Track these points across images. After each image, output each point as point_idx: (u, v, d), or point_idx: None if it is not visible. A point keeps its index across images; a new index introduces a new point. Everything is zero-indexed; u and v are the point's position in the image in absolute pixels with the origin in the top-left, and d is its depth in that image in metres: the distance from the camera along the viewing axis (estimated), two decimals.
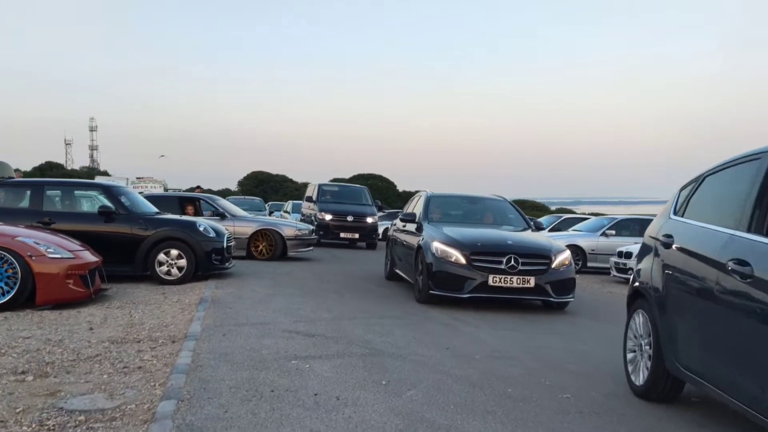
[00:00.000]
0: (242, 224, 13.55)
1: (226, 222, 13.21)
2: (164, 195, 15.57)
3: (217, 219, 13.18)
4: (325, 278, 10.67)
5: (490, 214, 9.81)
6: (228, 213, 13.71)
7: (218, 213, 13.62)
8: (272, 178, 79.58)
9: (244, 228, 13.49)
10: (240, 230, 13.35)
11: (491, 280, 7.61)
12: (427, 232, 8.59)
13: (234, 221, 13.45)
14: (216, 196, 15.37)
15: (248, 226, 13.62)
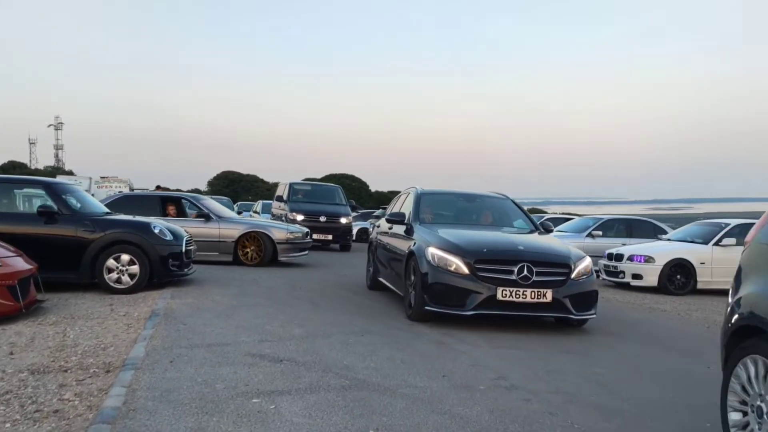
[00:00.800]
0: (228, 226, 12.39)
1: (210, 224, 12.23)
2: (145, 195, 14.16)
3: (201, 220, 12.22)
4: (298, 285, 9.65)
5: (489, 214, 8.50)
6: (213, 214, 12.52)
7: (203, 214, 12.42)
8: (243, 177, 78.10)
9: (230, 230, 12.35)
10: (226, 233, 12.29)
11: (500, 293, 6.28)
12: (419, 236, 7.32)
13: (219, 223, 12.36)
14: (201, 196, 14.13)
15: (235, 228, 12.43)
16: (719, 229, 12.62)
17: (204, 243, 12.01)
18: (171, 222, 11.99)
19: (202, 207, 12.62)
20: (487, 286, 6.34)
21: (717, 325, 8.36)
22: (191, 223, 12.17)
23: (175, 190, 29.78)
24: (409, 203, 8.51)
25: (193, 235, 12.03)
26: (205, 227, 12.21)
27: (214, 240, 12.20)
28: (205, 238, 12.05)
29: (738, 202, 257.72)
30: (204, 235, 12.09)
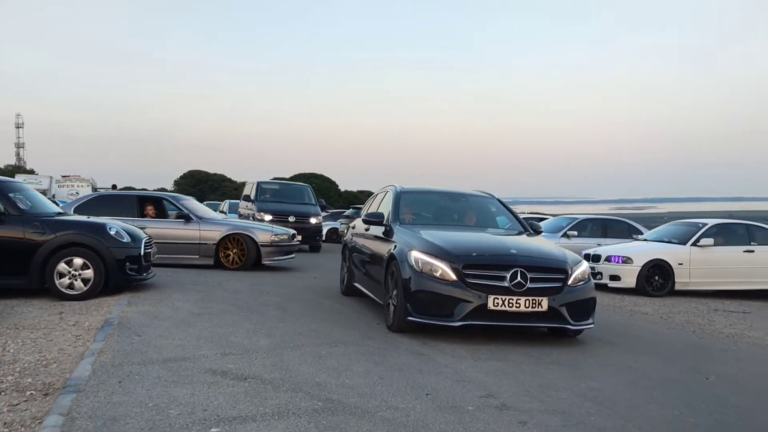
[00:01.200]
0: (209, 228, 11.66)
1: (191, 225, 11.56)
2: (121, 195, 13.29)
3: (181, 222, 11.58)
4: (265, 289, 9.12)
5: (473, 215, 7.88)
6: (193, 215, 11.78)
7: (182, 215, 11.70)
8: (210, 177, 76.94)
9: (211, 232, 11.62)
10: (207, 235, 11.58)
11: (491, 302, 5.70)
12: (400, 238, 6.69)
13: (200, 224, 11.64)
14: (182, 196, 13.26)
15: (216, 229, 11.68)
16: (696, 229, 12.42)
17: (183, 246, 11.44)
18: (149, 223, 11.41)
19: (182, 207, 11.88)
20: (476, 294, 5.75)
21: (703, 329, 8.07)
22: (170, 225, 11.58)
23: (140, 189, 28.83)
24: (388, 203, 7.90)
25: (172, 237, 11.53)
26: (184, 229, 11.55)
27: (194, 242, 11.52)
28: (184, 241, 11.46)
29: (698, 202, 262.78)
30: (183, 237, 11.48)
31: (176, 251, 11.44)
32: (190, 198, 13.16)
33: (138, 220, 11.25)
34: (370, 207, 8.97)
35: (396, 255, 6.36)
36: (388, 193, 8.21)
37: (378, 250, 7.28)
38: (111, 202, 11.97)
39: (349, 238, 9.14)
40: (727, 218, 13.98)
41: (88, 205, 11.67)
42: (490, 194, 8.48)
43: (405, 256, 6.18)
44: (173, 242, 11.41)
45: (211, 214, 12.75)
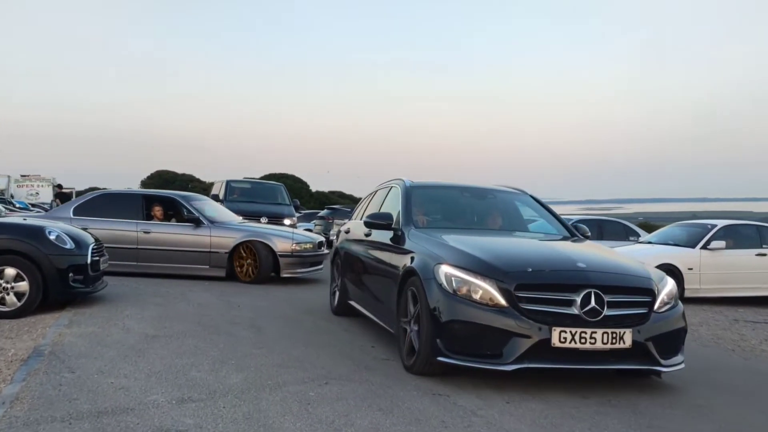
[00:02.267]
0: (221, 233, 10.07)
1: (201, 230, 10.03)
2: (126, 193, 11.47)
3: (190, 226, 10.07)
4: (236, 302, 7.89)
5: (499, 215, 6.30)
6: (204, 218, 10.20)
7: (191, 218, 10.16)
8: (178, 177, 74.82)
9: (223, 238, 10.04)
10: (219, 242, 10.02)
11: (557, 337, 4.14)
12: (419, 246, 5.10)
13: (211, 229, 10.07)
14: (195, 195, 11.71)
15: (229, 235, 10.08)
16: (705, 230, 11.51)
17: (191, 254, 10.01)
18: (154, 227, 10.06)
19: (192, 209, 10.34)
20: (535, 325, 4.17)
21: (740, 347, 7.05)
22: (177, 229, 10.13)
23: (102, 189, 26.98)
24: (394, 201, 6.30)
25: (179, 243, 10.01)
26: (193, 234, 10.04)
27: (203, 250, 10.01)
28: (192, 248, 10.00)
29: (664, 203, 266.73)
30: (192, 243, 10.01)
31: (183, 260, 10.00)
32: (204, 198, 11.68)
33: (142, 223, 10.11)
34: (367, 207, 7.40)
35: (417, 270, 4.75)
36: (392, 190, 6.64)
37: (387, 261, 5.67)
38: (113, 202, 10.53)
39: (341, 245, 7.55)
40: (733, 219, 13.10)
41: (88, 205, 10.40)
42: (521, 190, 6.88)
43: (431, 271, 4.57)
44: (180, 250, 9.99)
45: (227, 217, 11.07)
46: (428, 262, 4.71)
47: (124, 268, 9.86)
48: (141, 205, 10.43)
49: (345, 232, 7.54)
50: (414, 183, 6.35)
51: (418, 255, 4.95)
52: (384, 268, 5.68)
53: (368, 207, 7.30)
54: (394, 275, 5.27)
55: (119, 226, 10.04)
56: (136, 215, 10.24)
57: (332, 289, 7.70)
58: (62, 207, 10.93)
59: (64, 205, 10.95)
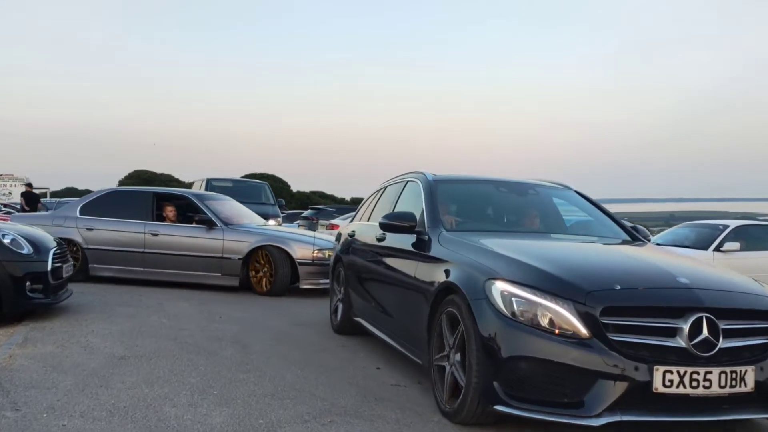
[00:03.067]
0: (234, 237, 8.93)
1: (213, 233, 8.94)
2: (136, 191, 10.48)
3: (202, 228, 8.98)
4: (217, 312, 7.08)
5: (536, 215, 5.18)
6: (219, 220, 9.10)
7: (204, 219, 9.07)
8: (157, 177, 73.61)
9: (236, 243, 8.88)
10: (232, 246, 8.89)
11: (661, 378, 3.05)
12: (455, 254, 4.01)
13: (224, 232, 8.96)
14: (212, 194, 10.73)
15: (243, 239, 8.89)
16: (717, 231, 10.88)
17: (203, 260, 8.95)
18: (163, 229, 9.13)
19: (205, 209, 9.24)
20: (630, 363, 3.04)
21: None
22: (188, 232, 9.11)
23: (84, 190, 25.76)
24: (412, 199, 5.17)
25: (189, 248, 8.96)
26: (205, 238, 8.97)
27: (215, 256, 8.93)
28: (204, 253, 8.96)
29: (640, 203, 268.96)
30: (203, 248, 8.97)
31: (193, 266, 8.98)
32: (224, 198, 10.50)
33: (150, 224, 9.21)
34: (374, 207, 6.28)
35: (459, 286, 3.61)
36: (409, 185, 5.50)
37: (410, 274, 4.47)
38: (122, 201, 9.71)
39: (343, 252, 6.40)
40: (744, 219, 12.51)
41: (96, 203, 9.60)
42: (564, 184, 5.77)
43: (480, 288, 3.45)
44: (189, 255, 8.98)
45: (246, 220, 9.87)
46: (475, 277, 3.58)
47: (129, 274, 9.12)
48: (151, 205, 9.45)
49: (349, 236, 6.36)
50: (438, 176, 5.22)
51: (458, 266, 3.84)
52: (406, 281, 4.52)
53: (376, 206, 6.20)
54: (424, 291, 4.15)
55: (126, 227, 9.18)
56: (146, 215, 9.30)
57: (333, 303, 6.55)
58: (69, 205, 9.99)
59: (72, 203, 9.99)
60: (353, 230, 6.32)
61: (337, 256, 6.57)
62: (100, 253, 9.12)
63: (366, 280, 5.60)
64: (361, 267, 5.72)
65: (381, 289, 5.19)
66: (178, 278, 8.98)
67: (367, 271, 5.56)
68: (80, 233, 9.20)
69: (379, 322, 5.21)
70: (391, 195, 5.88)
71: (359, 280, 5.76)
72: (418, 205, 4.87)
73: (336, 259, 6.63)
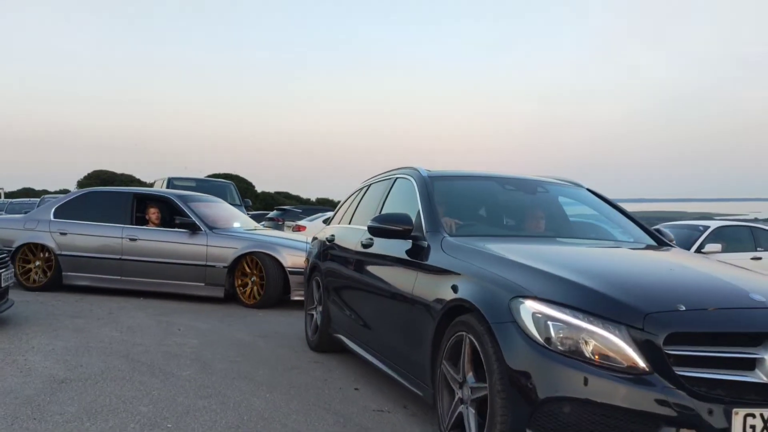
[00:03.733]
0: (219, 242, 8.02)
1: (197, 238, 8.07)
2: (115, 192, 9.36)
3: (185, 233, 8.12)
4: (176, 323, 6.47)
5: (541, 216, 4.40)
6: (204, 223, 8.22)
7: (187, 223, 8.19)
8: (117, 177, 71.77)
9: (222, 249, 7.98)
10: (216, 253, 7.98)
11: (741, 424, 2.31)
12: (465, 265, 3.23)
13: (208, 237, 8.06)
14: (198, 195, 9.62)
15: (228, 245, 8.01)
16: (698, 232, 10.63)
17: (185, 268, 8.06)
18: (142, 233, 8.23)
19: (188, 212, 8.34)
20: (702, 404, 2.34)
21: None
22: (170, 237, 8.21)
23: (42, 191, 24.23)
24: (405, 199, 4.41)
25: (171, 254, 8.09)
26: (188, 243, 8.08)
27: (198, 263, 8.02)
28: (186, 260, 8.06)
29: None
30: (184, 255, 8.07)
31: (174, 275, 8.10)
32: (212, 200, 9.60)
33: (129, 228, 8.33)
34: (356, 208, 5.54)
35: (477, 305, 2.86)
36: (398, 183, 4.74)
37: (405, 288, 3.68)
38: (100, 202, 8.78)
39: (319, 258, 5.66)
40: (704, 219, 12.30)
41: (71, 205, 8.75)
42: (575, 182, 5.01)
43: (505, 309, 2.71)
44: (169, 262, 8.11)
45: (235, 224, 8.96)
46: (495, 294, 2.82)
47: (105, 283, 8.31)
48: (131, 207, 8.56)
49: (327, 240, 5.58)
50: (434, 172, 4.43)
51: (470, 280, 3.07)
52: (401, 294, 3.74)
53: (358, 208, 5.48)
54: (425, 310, 3.36)
55: (102, 231, 8.35)
56: (124, 218, 8.44)
57: (307, 314, 5.90)
58: (43, 208, 9.12)
59: (46, 205, 9.14)
60: (332, 234, 5.56)
61: (314, 263, 5.83)
62: (75, 260, 8.30)
63: (348, 291, 4.88)
64: (343, 276, 5.00)
65: (367, 303, 4.45)
66: (159, 288, 8.13)
67: (350, 282, 4.82)
68: (53, 238, 8.39)
69: (365, 340, 4.51)
70: (376, 195, 5.12)
71: (340, 291, 5.06)
72: (410, 206, 4.20)
73: (312, 266, 5.92)
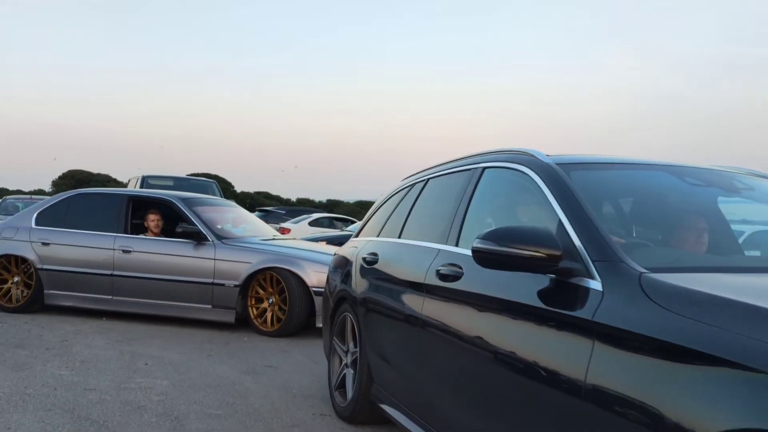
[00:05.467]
0: (229, 255, 6.51)
1: (202, 250, 6.56)
2: (108, 193, 7.94)
3: (189, 244, 6.63)
4: (142, 354, 5.23)
5: (705, 228, 2.31)
6: (211, 232, 6.72)
7: (190, 231, 6.67)
8: (93, 177, 70.22)
9: (232, 264, 6.47)
10: (225, 268, 6.46)
11: None
12: (736, 338, 1.33)
13: (216, 249, 6.55)
14: (205, 198, 8.08)
15: (240, 259, 6.49)
16: None
17: (188, 286, 6.55)
18: (137, 244, 6.79)
19: (192, 217, 6.81)
20: None
21: None
22: (171, 248, 6.72)
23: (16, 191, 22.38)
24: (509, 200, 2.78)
25: (172, 270, 6.60)
26: (192, 256, 6.59)
27: (205, 281, 6.50)
28: (189, 277, 6.55)
29: None
30: (188, 270, 6.57)
31: (175, 295, 6.61)
32: (223, 203, 8.21)
33: (122, 237, 6.89)
34: (407, 216, 3.64)
35: None
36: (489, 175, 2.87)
37: (580, 374, 1.68)
38: (90, 206, 7.32)
39: (357, 286, 3.82)
40: None
41: (57, 210, 7.35)
42: (761, 172, 2.93)
43: None
44: (169, 279, 6.62)
45: (249, 232, 7.50)
46: None
47: (94, 303, 6.89)
48: (125, 212, 7.08)
49: (365, 262, 3.76)
50: (562, 158, 2.55)
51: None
52: (546, 376, 1.86)
53: (412, 214, 3.60)
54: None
55: (91, 240, 6.94)
56: (117, 226, 7.01)
57: (335, 370, 4.07)
58: (24, 213, 7.73)
59: (28, 210, 7.70)
60: (372, 252, 3.72)
61: (342, 292, 4.01)
62: (59, 276, 6.93)
63: (411, 343, 2.93)
64: (400, 318, 3.09)
65: (457, 371, 2.51)
66: (156, 310, 6.71)
67: (416, 330, 2.88)
68: (34, 249, 7.04)
69: (449, 426, 2.57)
70: (446, 195, 3.20)
71: (394, 341, 3.19)
72: (518, 213, 2.72)
73: (339, 296, 4.06)
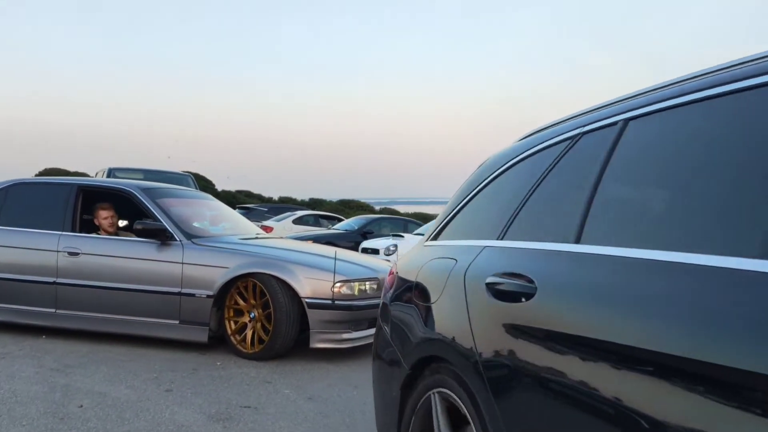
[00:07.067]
0: (201, 258, 5.14)
1: (168, 251, 5.17)
2: (51, 182, 6.22)
3: (152, 244, 5.23)
4: (78, 392, 3.84)
5: None
6: (181, 229, 5.36)
7: (151, 229, 5.27)
8: (70, 175, 68.24)
9: (204, 269, 5.10)
10: (195, 274, 5.08)
11: None
12: None
13: (185, 250, 5.18)
14: (168, 187, 6.54)
15: (215, 263, 5.11)
16: None
17: (149, 298, 5.15)
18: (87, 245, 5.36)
19: (155, 211, 5.45)
20: None
21: None
22: (128, 249, 5.33)
23: None
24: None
25: (130, 277, 5.19)
26: (155, 260, 5.21)
27: (170, 291, 5.11)
28: (153, 286, 5.16)
29: None
30: (149, 278, 5.18)
31: (134, 309, 5.21)
32: (194, 194, 6.81)
33: (68, 236, 5.45)
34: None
35: None
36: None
37: None
38: (32, 199, 5.82)
39: (482, 338, 1.72)
40: None
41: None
42: None
43: None
44: (128, 289, 5.21)
45: (226, 231, 6.18)
46: None
47: (34, 318, 5.44)
48: (73, 205, 5.63)
49: (498, 291, 1.71)
50: None
51: None
52: None
53: (599, 190, 1.57)
54: None
55: (30, 240, 5.51)
56: (62, 222, 5.57)
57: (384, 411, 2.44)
58: None
59: None
60: (513, 272, 1.70)
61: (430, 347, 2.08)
62: None
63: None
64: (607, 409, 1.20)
65: None
66: (109, 327, 5.26)
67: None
68: None
69: None
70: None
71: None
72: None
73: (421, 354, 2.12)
